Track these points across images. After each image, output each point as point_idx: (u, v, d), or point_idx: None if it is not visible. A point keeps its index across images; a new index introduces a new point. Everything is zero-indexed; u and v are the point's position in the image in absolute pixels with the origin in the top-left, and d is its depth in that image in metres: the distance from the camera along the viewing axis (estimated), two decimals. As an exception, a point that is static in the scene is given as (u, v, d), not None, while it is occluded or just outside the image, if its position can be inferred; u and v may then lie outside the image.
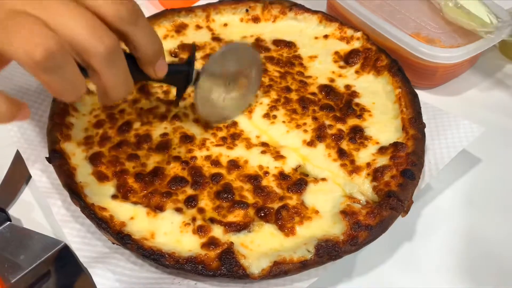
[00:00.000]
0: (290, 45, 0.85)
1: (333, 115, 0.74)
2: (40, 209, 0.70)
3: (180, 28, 0.86)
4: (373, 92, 0.78)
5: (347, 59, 0.83)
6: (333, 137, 0.71)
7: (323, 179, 0.67)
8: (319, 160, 0.69)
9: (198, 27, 0.87)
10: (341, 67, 0.82)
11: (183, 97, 0.70)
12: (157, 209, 0.62)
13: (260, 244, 0.60)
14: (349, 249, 0.59)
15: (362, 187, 0.66)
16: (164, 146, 0.69)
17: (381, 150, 0.69)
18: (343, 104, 0.76)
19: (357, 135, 0.71)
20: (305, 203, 0.64)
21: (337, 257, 0.58)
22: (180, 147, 0.69)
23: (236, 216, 0.62)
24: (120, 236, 0.58)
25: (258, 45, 0.85)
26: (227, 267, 0.56)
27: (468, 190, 0.75)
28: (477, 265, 0.67)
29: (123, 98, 0.54)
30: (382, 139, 0.71)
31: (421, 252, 0.68)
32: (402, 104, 0.74)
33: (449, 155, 0.71)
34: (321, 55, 0.84)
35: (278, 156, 0.69)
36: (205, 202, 0.64)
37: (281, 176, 0.67)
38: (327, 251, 0.58)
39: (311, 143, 0.71)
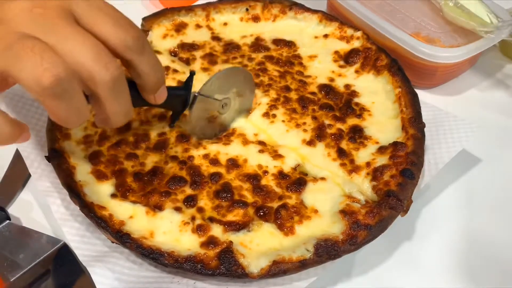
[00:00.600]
0: (290, 44, 0.85)
1: (332, 114, 0.74)
2: (40, 208, 0.70)
3: (180, 27, 0.86)
4: (373, 91, 0.78)
5: (347, 58, 0.83)
6: (332, 136, 0.71)
7: (322, 178, 0.67)
8: (319, 160, 0.69)
9: (198, 26, 0.87)
10: (341, 66, 0.82)
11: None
12: (156, 208, 0.62)
13: (259, 243, 0.60)
14: (348, 248, 0.59)
15: (362, 186, 0.66)
16: (161, 145, 0.69)
17: (381, 149, 0.69)
18: (342, 103, 0.76)
19: (357, 134, 0.71)
20: (305, 202, 0.64)
21: (336, 256, 0.58)
22: (176, 146, 0.69)
23: (235, 215, 0.62)
24: (119, 235, 0.58)
25: (257, 44, 0.85)
26: (226, 266, 0.56)
27: (468, 190, 0.75)
28: (477, 264, 0.67)
29: (122, 125, 0.53)
30: (382, 138, 0.71)
31: (421, 252, 0.68)
32: (402, 104, 0.74)
33: (448, 154, 0.71)
34: (321, 54, 0.84)
35: (276, 155, 0.69)
36: (204, 202, 0.63)
37: (280, 175, 0.67)
38: (326, 251, 0.58)
39: (310, 143, 0.71)
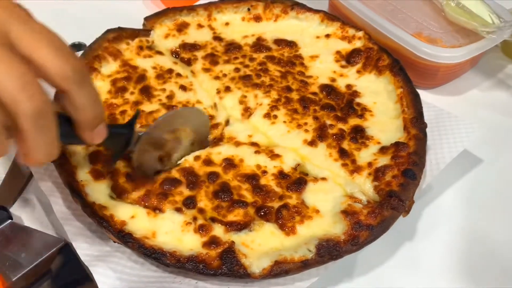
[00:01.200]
0: (291, 44, 0.85)
1: (334, 114, 0.74)
2: (42, 207, 0.70)
3: (182, 27, 0.86)
4: (375, 91, 0.78)
5: (348, 58, 0.83)
6: (334, 136, 0.71)
7: (323, 178, 0.66)
8: (320, 160, 0.69)
9: (200, 26, 0.87)
10: (342, 66, 0.82)
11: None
12: (157, 210, 0.62)
13: (261, 243, 0.60)
14: (350, 249, 0.59)
15: (363, 186, 0.66)
16: None
17: (383, 150, 0.69)
18: (344, 103, 0.76)
19: (359, 134, 0.71)
20: (306, 202, 0.64)
21: (338, 257, 0.58)
22: None
23: (236, 215, 0.62)
24: (121, 234, 0.58)
25: (259, 44, 0.85)
26: (228, 266, 0.56)
27: (470, 190, 0.75)
28: (478, 265, 0.67)
29: (44, 164, 0.50)
30: (384, 139, 0.71)
31: (422, 252, 0.68)
32: (403, 104, 0.74)
33: (450, 155, 0.71)
34: (323, 54, 0.84)
35: (273, 155, 0.69)
36: (204, 203, 0.63)
37: (281, 175, 0.67)
38: (328, 251, 0.58)
39: (312, 143, 0.71)
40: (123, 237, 0.58)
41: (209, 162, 0.68)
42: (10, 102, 0.41)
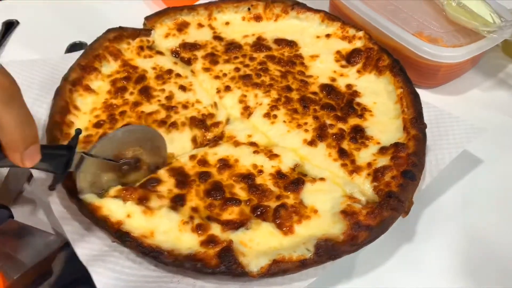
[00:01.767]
0: (291, 44, 0.85)
1: (334, 114, 0.74)
2: (42, 206, 0.70)
3: (182, 27, 0.86)
4: (375, 92, 0.78)
5: (348, 58, 0.83)
6: (334, 136, 0.71)
7: (322, 178, 0.66)
8: (319, 160, 0.69)
9: (200, 25, 0.87)
10: (342, 66, 0.82)
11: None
12: (143, 200, 0.61)
13: (259, 242, 0.60)
14: (348, 249, 0.59)
15: (363, 187, 0.66)
16: None
17: (382, 150, 0.69)
18: (344, 103, 0.76)
19: (358, 135, 0.71)
20: (304, 202, 0.64)
21: (336, 257, 0.58)
22: None
23: (230, 213, 0.62)
24: (119, 234, 0.58)
25: (259, 44, 0.85)
26: (226, 264, 0.56)
27: (469, 191, 0.75)
28: (478, 265, 0.66)
29: None
30: (383, 139, 0.71)
31: (422, 253, 0.68)
32: (403, 104, 0.73)
33: (450, 155, 0.71)
34: (323, 54, 0.84)
35: (272, 155, 0.69)
36: (195, 202, 0.63)
37: (278, 175, 0.67)
38: (326, 251, 0.58)
39: (311, 143, 0.71)
40: (121, 236, 0.58)
41: (204, 162, 0.68)
42: None
